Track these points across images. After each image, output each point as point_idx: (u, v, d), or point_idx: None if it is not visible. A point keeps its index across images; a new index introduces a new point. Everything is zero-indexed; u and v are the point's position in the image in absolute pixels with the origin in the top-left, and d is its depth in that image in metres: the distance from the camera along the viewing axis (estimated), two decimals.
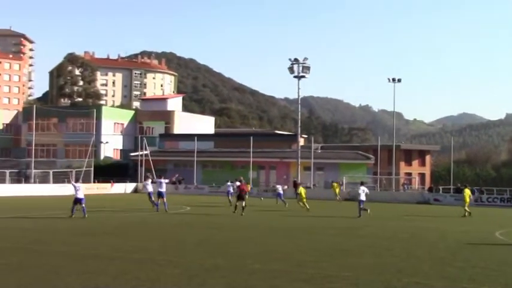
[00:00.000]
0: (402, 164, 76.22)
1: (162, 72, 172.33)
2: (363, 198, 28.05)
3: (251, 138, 59.72)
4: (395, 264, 13.16)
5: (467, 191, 31.59)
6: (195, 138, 61.91)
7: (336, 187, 47.81)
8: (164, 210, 28.60)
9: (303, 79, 56.26)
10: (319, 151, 64.91)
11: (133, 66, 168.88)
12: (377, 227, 23.39)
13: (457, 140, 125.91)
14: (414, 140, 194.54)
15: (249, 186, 43.93)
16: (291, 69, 55.83)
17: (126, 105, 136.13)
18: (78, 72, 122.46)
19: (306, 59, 55.59)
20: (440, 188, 56.29)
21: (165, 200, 29.15)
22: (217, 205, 35.88)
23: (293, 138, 67.48)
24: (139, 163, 60.65)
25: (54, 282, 10.51)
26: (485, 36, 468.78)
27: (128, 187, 57.61)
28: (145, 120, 76.55)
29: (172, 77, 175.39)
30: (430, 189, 54.76)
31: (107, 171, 59.87)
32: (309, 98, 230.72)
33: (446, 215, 31.90)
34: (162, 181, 29.54)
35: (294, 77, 56.19)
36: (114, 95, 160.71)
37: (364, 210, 27.97)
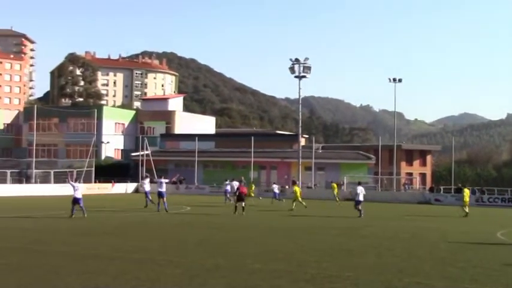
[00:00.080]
0: (403, 164, 76.26)
1: (163, 72, 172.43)
2: (361, 199, 28.20)
3: (252, 138, 59.77)
4: (396, 264, 13.13)
5: (466, 191, 31.58)
6: (196, 138, 61.90)
7: (335, 188, 46.70)
8: (164, 210, 28.63)
9: (303, 79, 56.34)
10: (320, 151, 64.89)
11: (134, 66, 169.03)
12: (378, 227, 23.36)
13: (458, 140, 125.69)
14: (415, 140, 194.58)
15: (253, 187, 43.99)
16: (292, 69, 55.84)
17: (127, 105, 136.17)
18: (79, 72, 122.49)
19: (306, 59, 55.61)
20: (441, 188, 56.33)
21: (165, 200, 29.18)
22: (218, 205, 35.92)
23: (294, 138, 67.47)
24: (140, 163, 60.64)
25: (54, 282, 10.49)
26: (486, 36, 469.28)
27: (129, 187, 57.67)
28: (146, 120, 76.56)
29: (173, 77, 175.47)
30: (431, 189, 54.74)
31: (108, 171, 59.91)
32: (309, 98, 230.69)
33: (448, 215, 31.86)
34: (162, 181, 29.59)
35: (295, 77, 56.20)
36: (115, 95, 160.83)
37: (360, 211, 27.94)
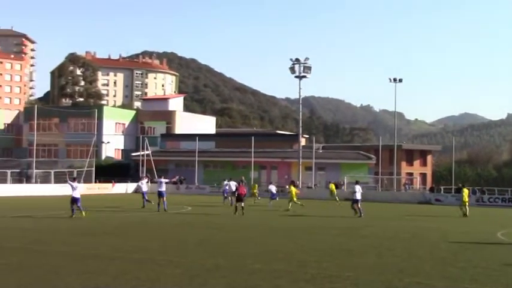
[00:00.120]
0: (403, 164, 76.27)
1: (164, 72, 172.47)
2: (358, 197, 28.37)
3: (252, 138, 59.72)
4: (396, 264, 13.13)
5: (465, 191, 31.63)
6: (197, 138, 61.89)
7: (333, 188, 46.53)
8: (164, 210, 28.68)
9: (304, 79, 56.38)
10: (321, 151, 64.86)
11: (134, 66, 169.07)
12: (378, 227, 23.35)
13: (458, 140, 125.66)
14: (415, 140, 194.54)
15: (257, 187, 43.75)
16: (292, 69, 55.84)
17: (127, 105, 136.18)
18: (79, 72, 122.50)
19: (307, 59, 55.63)
20: (441, 188, 56.33)
21: (165, 200, 29.26)
22: (218, 205, 35.94)
23: (294, 138, 67.43)
24: (140, 163, 60.66)
25: (54, 282, 10.49)
26: (486, 36, 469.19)
27: (129, 187, 57.60)
28: (147, 120, 76.56)
29: (174, 77, 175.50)
30: (432, 189, 54.71)
31: (108, 171, 59.91)
32: (310, 98, 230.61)
33: (448, 215, 31.83)
34: (162, 181, 29.77)
35: (295, 77, 56.20)
36: (115, 95, 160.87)
37: (359, 210, 28.04)
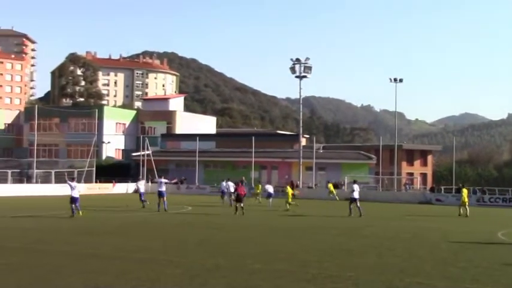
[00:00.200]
0: (404, 164, 76.26)
1: (164, 72, 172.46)
2: (356, 196, 28.57)
3: (253, 138, 59.68)
4: (397, 264, 13.13)
5: (465, 191, 31.68)
6: (197, 138, 61.90)
7: (331, 188, 47.94)
8: (164, 210, 28.70)
9: (304, 79, 56.39)
10: (321, 151, 64.82)
11: (135, 66, 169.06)
12: (379, 227, 23.36)
13: (459, 140, 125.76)
14: (416, 140, 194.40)
15: (260, 187, 43.09)
16: (293, 69, 55.85)
17: (127, 105, 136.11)
18: (80, 72, 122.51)
19: (307, 59, 55.65)
20: (442, 188, 56.33)
21: (165, 200, 29.31)
22: (218, 205, 35.94)
23: (295, 138, 67.42)
24: (141, 163, 60.65)
25: (55, 282, 10.49)
26: (486, 36, 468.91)
27: (130, 187, 57.54)
28: (147, 120, 76.56)
29: (174, 77, 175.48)
30: (432, 189, 54.70)
31: (109, 171, 59.91)
32: (310, 98, 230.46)
33: (448, 215, 31.81)
34: (162, 181, 29.86)
35: (296, 77, 56.21)
36: (116, 95, 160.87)
37: (359, 209, 28.18)
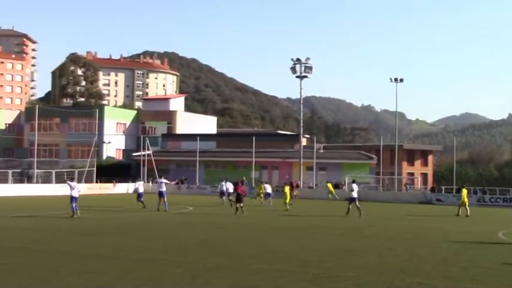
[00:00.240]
0: (405, 164, 76.23)
1: (165, 72, 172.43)
2: (354, 195, 28.67)
3: (253, 138, 59.61)
4: (398, 264, 13.12)
5: (464, 191, 31.72)
6: (198, 138, 61.86)
7: (330, 187, 48.27)
8: (165, 210, 28.71)
9: (305, 79, 56.35)
10: (322, 151, 64.79)
11: (135, 66, 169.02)
12: (380, 227, 23.35)
13: (459, 140, 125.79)
14: (416, 140, 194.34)
15: (262, 187, 41.52)
16: (293, 69, 55.82)
17: (128, 105, 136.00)
18: (80, 72, 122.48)
19: (308, 59, 55.63)
20: (442, 188, 56.31)
21: (166, 200, 29.32)
22: (219, 205, 35.91)
23: (295, 138, 67.38)
24: (141, 163, 60.64)
25: (55, 281, 10.48)
26: (487, 35, 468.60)
27: (130, 187, 57.51)
28: (148, 120, 76.55)
29: (175, 77, 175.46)
30: (433, 189, 54.67)
31: (109, 171, 59.89)
32: (311, 98, 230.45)
33: (449, 215, 31.79)
34: (162, 181, 30.01)
35: (296, 77, 56.19)
36: (116, 95, 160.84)
37: (358, 208, 28.29)
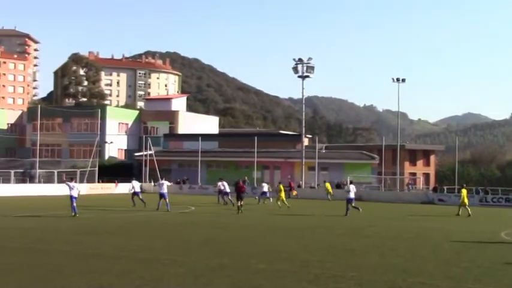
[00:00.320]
0: (407, 164, 76.15)
1: (166, 72, 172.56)
2: (351, 196, 28.75)
3: (255, 138, 59.56)
4: (400, 264, 13.10)
5: (464, 191, 31.71)
6: (200, 138, 61.93)
7: (329, 187, 48.18)
8: (167, 211, 28.73)
9: (307, 79, 56.39)
10: (324, 151, 64.77)
11: (137, 66, 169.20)
12: (381, 227, 23.33)
13: (461, 140, 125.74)
14: (419, 140, 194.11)
15: (266, 187, 40.70)
16: (295, 69, 55.83)
17: (130, 105, 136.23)
18: (82, 72, 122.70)
19: (310, 59, 55.61)
20: (444, 188, 56.15)
21: (167, 201, 29.40)
22: (221, 205, 35.90)
23: (297, 138, 67.35)
24: (143, 163, 60.69)
25: (57, 281, 10.48)
26: (489, 35, 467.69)
27: None
28: (150, 120, 76.64)
29: (177, 77, 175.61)
30: (435, 189, 54.61)
31: (112, 171, 59.94)
32: (313, 98, 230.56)
33: (451, 215, 31.75)
34: (162, 182, 30.24)
35: (298, 77, 56.22)
36: (118, 95, 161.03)
37: (355, 208, 28.68)
